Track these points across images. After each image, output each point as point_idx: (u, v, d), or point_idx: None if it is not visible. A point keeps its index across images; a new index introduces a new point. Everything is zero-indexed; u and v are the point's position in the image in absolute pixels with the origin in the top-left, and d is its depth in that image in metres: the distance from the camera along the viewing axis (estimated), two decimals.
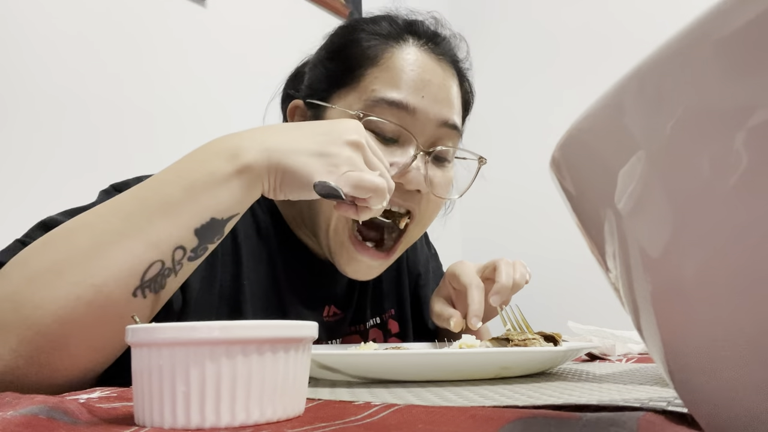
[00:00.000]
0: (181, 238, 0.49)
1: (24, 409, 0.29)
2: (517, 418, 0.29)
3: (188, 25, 1.54)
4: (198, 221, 0.50)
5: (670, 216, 0.15)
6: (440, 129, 0.69)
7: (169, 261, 0.49)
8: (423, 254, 0.96)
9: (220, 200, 0.50)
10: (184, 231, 0.49)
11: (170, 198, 0.50)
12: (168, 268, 0.49)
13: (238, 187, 0.51)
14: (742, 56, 0.13)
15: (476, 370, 0.48)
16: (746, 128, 0.13)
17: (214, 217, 0.50)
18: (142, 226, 0.48)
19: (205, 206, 0.50)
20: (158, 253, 0.48)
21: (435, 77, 0.69)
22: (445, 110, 0.70)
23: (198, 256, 0.51)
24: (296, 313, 0.73)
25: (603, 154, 0.17)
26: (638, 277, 0.17)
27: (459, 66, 0.75)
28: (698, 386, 0.17)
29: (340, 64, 0.71)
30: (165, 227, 0.49)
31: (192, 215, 0.50)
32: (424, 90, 0.68)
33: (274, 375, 0.31)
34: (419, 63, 0.69)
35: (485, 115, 2.44)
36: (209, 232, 0.51)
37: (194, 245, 0.50)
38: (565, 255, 2.03)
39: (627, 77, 0.16)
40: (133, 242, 0.48)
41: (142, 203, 0.50)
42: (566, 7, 2.29)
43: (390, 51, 0.69)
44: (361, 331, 0.83)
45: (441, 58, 0.71)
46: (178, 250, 0.49)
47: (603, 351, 0.68)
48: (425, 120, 0.68)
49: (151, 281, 0.48)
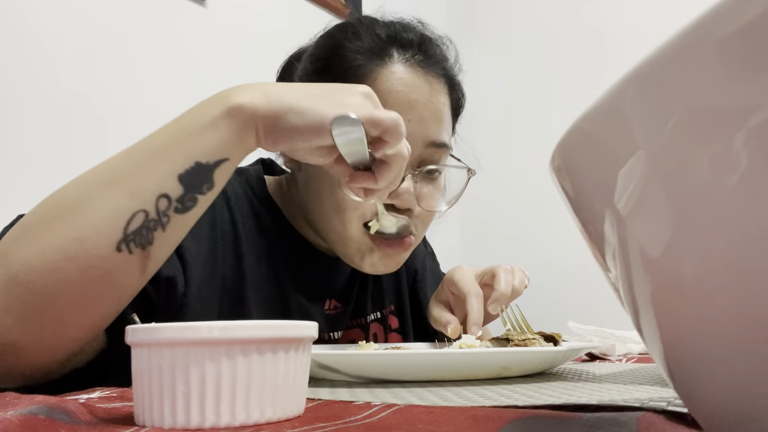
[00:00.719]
0: (164, 186, 0.47)
1: (24, 409, 0.29)
2: (517, 418, 0.29)
3: (188, 25, 1.54)
4: (182, 166, 0.47)
5: (670, 216, 0.15)
6: (428, 149, 0.70)
7: (153, 211, 0.46)
8: (420, 251, 0.97)
9: (205, 143, 0.48)
10: (167, 178, 0.47)
11: (155, 145, 0.48)
12: (153, 220, 0.46)
13: (226, 128, 0.48)
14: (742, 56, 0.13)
15: (476, 370, 0.48)
16: (746, 128, 0.13)
17: (198, 161, 0.48)
18: (125, 175, 0.47)
19: (189, 150, 0.48)
20: (140, 202, 0.46)
21: (421, 95, 0.69)
22: (432, 130, 0.70)
23: (186, 208, 0.48)
24: (299, 306, 0.74)
25: (603, 154, 0.17)
26: (638, 277, 0.17)
27: (448, 73, 0.75)
28: (698, 386, 0.17)
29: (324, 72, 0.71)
30: (147, 174, 0.47)
31: (175, 160, 0.47)
32: (410, 112, 0.68)
33: (274, 375, 0.31)
34: (405, 83, 0.68)
35: (485, 115, 2.45)
36: (195, 178, 0.48)
37: (179, 193, 0.47)
38: (565, 255, 2.03)
39: (627, 77, 0.16)
40: (115, 192, 0.46)
41: (129, 154, 0.48)
42: (566, 8, 2.29)
43: (376, 71, 0.68)
44: (362, 325, 0.83)
45: (428, 71, 0.71)
46: (161, 199, 0.47)
47: (603, 351, 0.68)
48: (412, 142, 0.68)
49: (136, 234, 0.46)
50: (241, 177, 0.74)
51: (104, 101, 1.35)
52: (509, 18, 2.45)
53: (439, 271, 1.00)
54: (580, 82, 2.12)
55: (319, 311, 0.77)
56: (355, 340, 0.81)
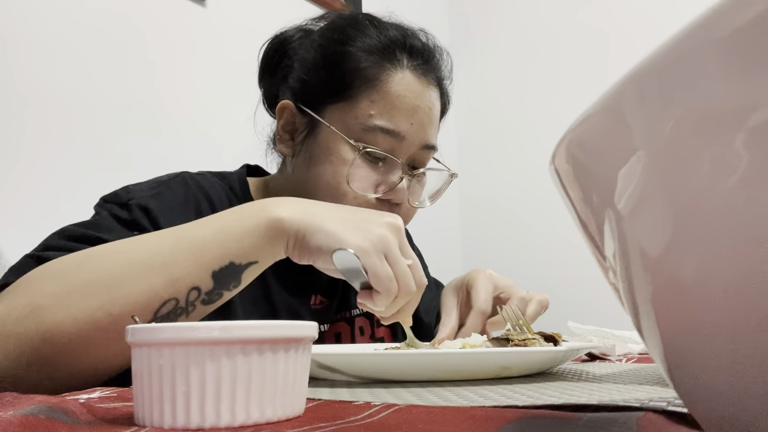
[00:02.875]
0: (199, 279, 0.51)
1: (24, 409, 0.29)
2: (517, 418, 0.29)
3: (188, 25, 1.54)
4: (217, 264, 0.51)
5: (670, 216, 0.15)
6: (422, 151, 0.76)
7: (184, 300, 0.50)
8: None
9: (242, 246, 0.52)
10: (203, 272, 0.51)
11: (198, 239, 0.52)
12: (181, 308, 0.51)
13: (262, 236, 0.52)
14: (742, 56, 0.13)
15: (476, 370, 0.48)
16: (746, 128, 0.13)
17: (233, 261, 0.52)
18: (167, 261, 0.50)
19: (227, 250, 0.52)
20: (175, 290, 0.50)
21: (423, 102, 0.75)
22: (429, 135, 0.76)
23: (212, 301, 0.52)
24: (284, 303, 0.75)
25: (603, 154, 0.17)
26: (638, 277, 0.17)
27: (441, 82, 0.80)
28: (698, 386, 0.17)
29: (336, 77, 0.74)
30: (186, 266, 0.50)
31: (213, 257, 0.51)
32: (413, 117, 0.73)
33: (274, 375, 0.31)
34: (411, 89, 0.74)
35: (485, 115, 2.45)
36: (226, 276, 0.52)
37: (209, 288, 0.51)
38: (565, 255, 2.03)
39: (627, 78, 0.16)
40: (155, 277, 0.49)
41: (174, 239, 0.52)
42: (566, 8, 2.29)
43: (386, 73, 0.73)
44: (347, 318, 0.85)
45: (428, 78, 0.76)
46: (193, 291, 0.51)
47: (603, 351, 0.68)
48: (410, 145, 0.74)
49: (163, 318, 0.50)
50: (224, 181, 0.76)
51: (104, 101, 1.35)
52: (509, 19, 2.45)
53: (427, 272, 1.00)
54: (580, 82, 2.12)
55: (306, 307, 0.78)
56: (340, 334, 0.82)
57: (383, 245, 0.53)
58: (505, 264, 2.25)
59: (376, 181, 0.73)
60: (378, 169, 0.73)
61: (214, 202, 0.72)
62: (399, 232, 0.56)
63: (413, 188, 0.77)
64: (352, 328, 0.84)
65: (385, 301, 0.54)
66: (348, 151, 0.72)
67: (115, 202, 0.63)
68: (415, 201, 0.77)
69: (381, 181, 0.73)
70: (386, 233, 0.54)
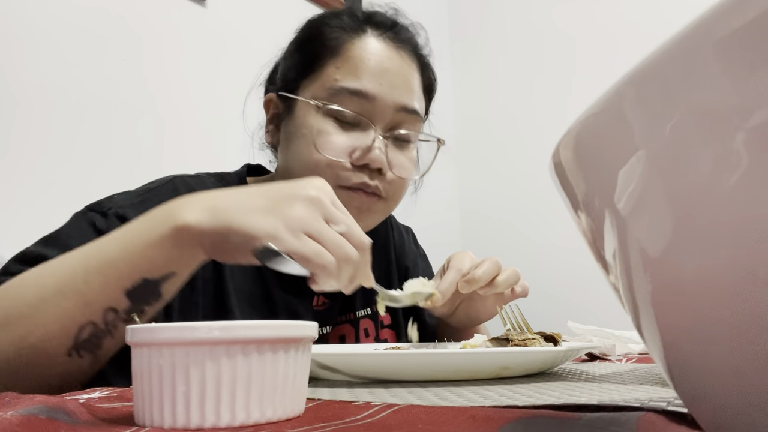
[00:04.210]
0: (112, 300, 0.49)
1: (24, 409, 0.29)
2: (517, 418, 0.29)
3: (188, 25, 1.54)
4: (129, 282, 0.49)
5: (670, 216, 0.15)
6: (399, 114, 0.73)
7: (101, 323, 0.49)
8: (411, 251, 0.98)
9: (151, 260, 0.50)
10: (115, 292, 0.49)
11: (107, 258, 0.50)
12: (101, 330, 0.49)
13: (171, 246, 0.50)
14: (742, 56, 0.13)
15: (476, 370, 0.48)
16: (746, 128, 0.13)
17: (145, 277, 0.50)
18: (78, 285, 0.49)
19: (136, 266, 0.49)
20: (90, 313, 0.48)
21: (393, 65, 0.73)
22: (404, 96, 0.73)
23: (132, 319, 0.50)
24: (285, 304, 0.74)
25: (603, 154, 0.17)
26: (638, 277, 0.17)
27: (419, 53, 0.79)
28: (698, 386, 0.17)
29: (305, 56, 0.75)
30: (97, 288, 0.49)
31: (123, 276, 0.49)
32: (382, 77, 0.72)
33: (274, 375, 0.31)
34: (377, 51, 0.73)
35: (485, 114, 2.45)
36: (142, 292, 0.50)
37: (125, 307, 0.50)
38: (565, 255, 2.03)
39: (627, 78, 0.16)
40: (67, 302, 0.48)
41: (84, 261, 0.50)
42: (566, 9, 2.29)
43: (350, 42, 0.73)
44: (352, 320, 0.84)
45: (400, 47, 0.75)
46: (109, 312, 0.49)
47: (603, 351, 0.68)
48: (384, 106, 0.72)
49: (86, 342, 0.49)
50: (222, 183, 0.75)
51: (104, 101, 1.35)
52: (509, 19, 2.45)
53: (431, 272, 1.00)
54: (580, 82, 2.12)
55: (307, 308, 0.77)
56: (345, 336, 0.82)
57: (300, 223, 0.49)
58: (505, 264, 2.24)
59: (349, 146, 0.71)
60: (351, 134, 0.72)
61: None
62: (319, 200, 0.51)
63: (396, 158, 0.74)
64: (357, 329, 0.83)
65: (327, 279, 0.50)
66: (317, 118, 0.71)
67: (96, 211, 0.63)
68: (400, 171, 0.75)
69: (355, 145, 0.71)
70: (301, 209, 0.50)
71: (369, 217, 0.75)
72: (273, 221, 0.49)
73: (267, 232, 0.48)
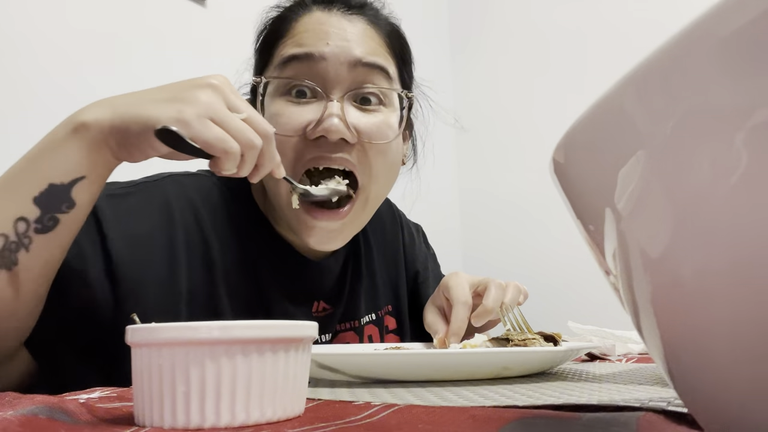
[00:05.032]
0: (21, 209, 0.48)
1: (24, 409, 0.29)
2: (517, 418, 0.29)
3: (188, 25, 1.54)
4: (36, 188, 0.49)
5: (670, 216, 0.15)
6: (356, 69, 0.66)
7: (13, 234, 0.48)
8: (421, 253, 0.96)
9: (56, 164, 0.49)
10: (23, 200, 0.48)
11: (12, 171, 0.50)
12: (13, 242, 0.48)
13: (76, 148, 0.50)
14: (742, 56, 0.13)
15: (476, 370, 0.48)
16: (746, 128, 0.13)
17: (52, 183, 0.49)
18: None
19: (41, 172, 0.49)
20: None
21: (340, 29, 0.68)
22: (356, 49, 0.67)
23: (47, 228, 0.49)
24: (282, 310, 0.71)
25: (603, 154, 0.17)
26: (638, 277, 0.17)
27: (378, 18, 0.72)
28: (698, 386, 0.17)
29: (261, 47, 0.73)
30: (4, 199, 0.49)
31: (29, 184, 0.49)
32: (328, 38, 0.67)
33: (274, 375, 0.31)
34: (323, 21, 0.68)
35: (485, 114, 2.45)
36: (51, 199, 0.49)
37: (36, 215, 0.49)
38: (565, 255, 2.03)
39: (627, 78, 0.16)
40: None
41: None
42: (566, 9, 2.29)
43: (296, 20, 0.70)
44: (356, 328, 0.81)
45: (350, 14, 0.70)
46: (19, 222, 0.48)
47: (603, 351, 0.68)
48: (337, 64, 0.65)
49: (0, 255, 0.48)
50: (220, 180, 0.73)
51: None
52: (509, 20, 2.45)
53: (440, 272, 0.99)
54: (581, 81, 2.12)
55: (306, 314, 0.74)
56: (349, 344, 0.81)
57: (203, 109, 0.50)
58: (505, 264, 2.25)
59: (303, 120, 0.65)
60: (304, 107, 0.66)
61: (197, 205, 0.68)
62: (221, 89, 0.52)
63: (360, 123, 0.66)
64: (361, 337, 0.81)
65: (231, 163, 0.51)
66: (273, 102, 0.67)
67: None
68: (369, 136, 0.66)
69: (310, 119, 0.65)
70: (204, 96, 0.51)
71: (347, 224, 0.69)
72: (176, 107, 0.50)
73: (170, 116, 0.49)
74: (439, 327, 0.73)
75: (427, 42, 0.79)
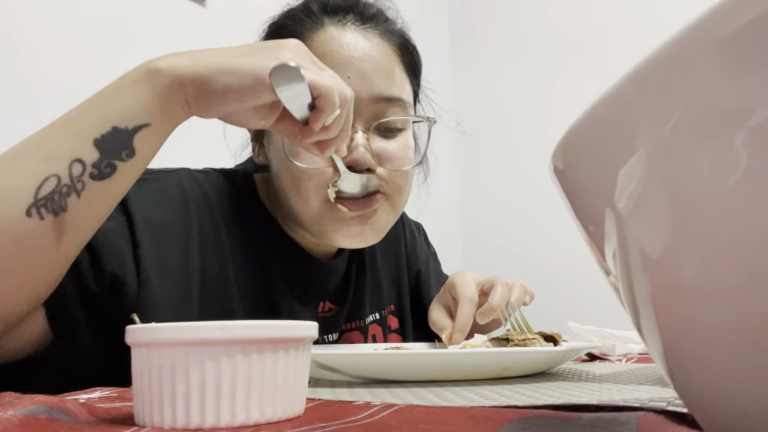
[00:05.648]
0: (78, 150, 0.45)
1: (24, 409, 0.29)
2: (517, 418, 0.29)
3: (188, 25, 1.54)
4: (98, 130, 0.46)
5: (670, 216, 0.15)
6: (378, 104, 0.67)
7: (66, 176, 0.44)
8: (423, 252, 0.96)
9: (122, 107, 0.47)
10: (82, 142, 0.45)
11: (73, 112, 0.47)
12: (66, 185, 0.44)
13: (145, 93, 0.47)
14: (742, 56, 0.13)
15: (476, 370, 0.48)
16: (746, 128, 0.13)
17: (116, 126, 0.46)
18: (40, 141, 0.45)
19: (105, 114, 0.46)
20: (52, 167, 0.44)
21: (358, 52, 0.67)
22: (378, 84, 0.67)
23: (103, 174, 0.46)
24: (289, 309, 0.72)
25: (603, 154, 0.17)
26: (638, 277, 0.17)
27: (391, 30, 0.71)
28: (698, 386, 0.17)
29: None
30: (61, 139, 0.45)
31: (91, 124, 0.46)
32: (348, 69, 0.66)
33: (274, 375, 0.31)
34: (338, 42, 0.66)
35: (485, 115, 2.45)
36: (112, 143, 0.46)
37: (95, 159, 0.45)
38: (565, 255, 2.03)
39: (627, 78, 0.16)
40: (28, 158, 0.45)
41: (49, 125, 0.47)
42: (566, 9, 2.29)
43: (310, 40, 0.67)
44: (361, 327, 0.81)
45: (365, 29, 0.69)
46: (75, 164, 0.45)
47: (603, 351, 0.68)
48: (357, 99, 0.65)
49: (47, 199, 0.44)
50: (229, 180, 0.72)
51: None
52: (509, 20, 2.45)
53: (441, 271, 1.00)
54: (580, 82, 2.12)
55: (312, 314, 0.75)
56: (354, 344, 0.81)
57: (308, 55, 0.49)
58: (505, 264, 2.25)
59: None
60: None
61: (211, 201, 0.67)
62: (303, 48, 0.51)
63: (386, 150, 0.67)
64: (366, 336, 0.81)
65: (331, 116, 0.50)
66: None
67: None
68: (391, 163, 0.68)
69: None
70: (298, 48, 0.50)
71: (377, 220, 0.69)
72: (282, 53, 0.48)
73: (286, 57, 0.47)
74: (446, 323, 0.73)
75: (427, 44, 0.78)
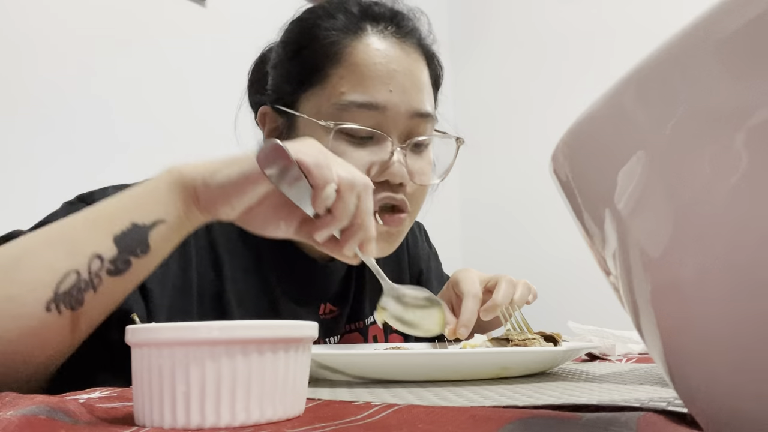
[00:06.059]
0: (99, 245, 0.47)
1: (24, 409, 0.29)
2: (517, 418, 0.29)
3: (188, 25, 1.54)
4: (118, 227, 0.48)
5: (670, 216, 0.15)
6: (413, 120, 0.69)
7: (86, 272, 0.47)
8: (424, 251, 0.96)
9: (142, 204, 0.50)
10: (103, 237, 0.47)
11: (98, 208, 0.50)
12: (84, 280, 0.47)
13: (164, 191, 0.50)
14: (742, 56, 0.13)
15: (476, 370, 0.48)
16: (746, 128, 0.13)
17: (135, 223, 0.49)
18: (64, 234, 0.48)
19: (126, 211, 0.49)
20: (74, 262, 0.46)
21: (400, 65, 0.68)
22: (415, 100, 0.69)
23: (119, 270, 0.48)
24: (290, 313, 0.72)
25: (603, 154, 0.17)
26: (638, 277, 0.17)
27: (423, 43, 0.73)
28: (698, 386, 0.17)
29: (303, 64, 0.69)
30: (85, 235, 0.47)
31: (112, 221, 0.48)
32: (391, 83, 0.67)
33: (274, 375, 0.31)
34: (382, 54, 0.68)
35: (485, 114, 2.45)
36: (130, 239, 0.48)
37: (113, 255, 0.48)
38: (565, 255, 2.03)
39: (627, 77, 0.16)
40: (52, 251, 0.46)
41: (74, 216, 0.49)
42: (566, 9, 2.29)
43: (351, 46, 0.68)
44: (361, 329, 0.81)
45: (404, 40, 0.70)
46: (95, 260, 0.47)
47: (603, 351, 0.68)
48: (396, 114, 0.67)
49: (66, 294, 0.46)
50: None
51: (104, 101, 1.34)
52: (509, 20, 2.45)
53: (442, 271, 0.99)
54: (580, 82, 2.12)
55: (313, 317, 0.75)
56: None
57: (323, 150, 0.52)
58: (505, 264, 2.24)
59: (365, 162, 0.66)
60: (366, 149, 0.67)
61: None
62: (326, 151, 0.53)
63: (415, 165, 0.69)
64: (366, 337, 0.81)
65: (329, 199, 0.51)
66: (324, 135, 0.66)
67: (86, 201, 0.60)
68: (421, 179, 0.70)
69: (371, 161, 0.67)
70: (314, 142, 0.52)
71: (399, 236, 0.71)
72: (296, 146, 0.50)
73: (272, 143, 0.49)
74: (449, 318, 0.73)
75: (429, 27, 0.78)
